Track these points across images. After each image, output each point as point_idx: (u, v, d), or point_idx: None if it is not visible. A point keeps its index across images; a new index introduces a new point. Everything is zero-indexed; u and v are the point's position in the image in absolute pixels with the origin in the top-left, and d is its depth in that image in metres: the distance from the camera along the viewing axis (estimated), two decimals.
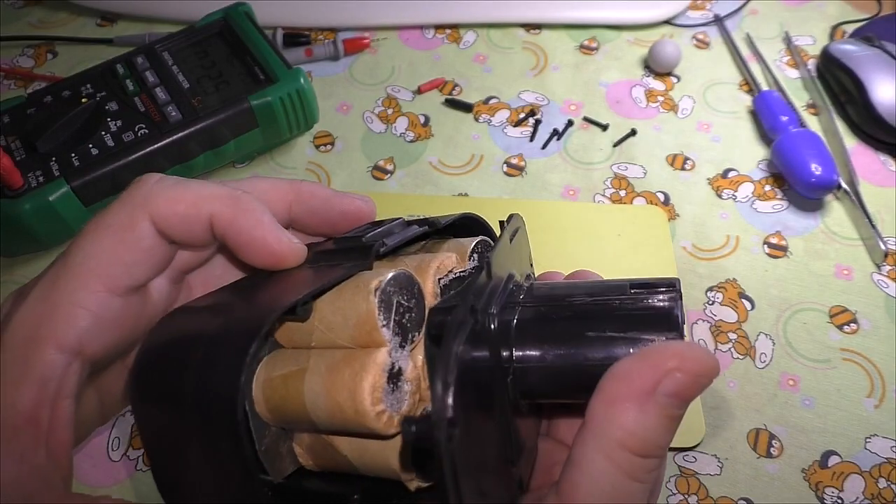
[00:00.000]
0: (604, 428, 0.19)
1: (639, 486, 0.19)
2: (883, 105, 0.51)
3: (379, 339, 0.20)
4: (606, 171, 0.51)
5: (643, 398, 0.19)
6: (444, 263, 0.23)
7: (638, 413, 0.19)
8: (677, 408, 0.19)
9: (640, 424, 0.19)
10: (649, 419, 0.19)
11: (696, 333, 0.43)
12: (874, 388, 0.41)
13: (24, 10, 0.62)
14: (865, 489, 0.38)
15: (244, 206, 0.23)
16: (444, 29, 0.61)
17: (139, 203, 0.23)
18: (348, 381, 0.20)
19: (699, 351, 0.19)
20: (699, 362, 0.19)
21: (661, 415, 0.19)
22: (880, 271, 0.46)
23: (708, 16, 0.62)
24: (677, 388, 0.19)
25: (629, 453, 0.19)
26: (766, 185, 0.50)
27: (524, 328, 0.22)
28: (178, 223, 0.23)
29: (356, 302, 0.21)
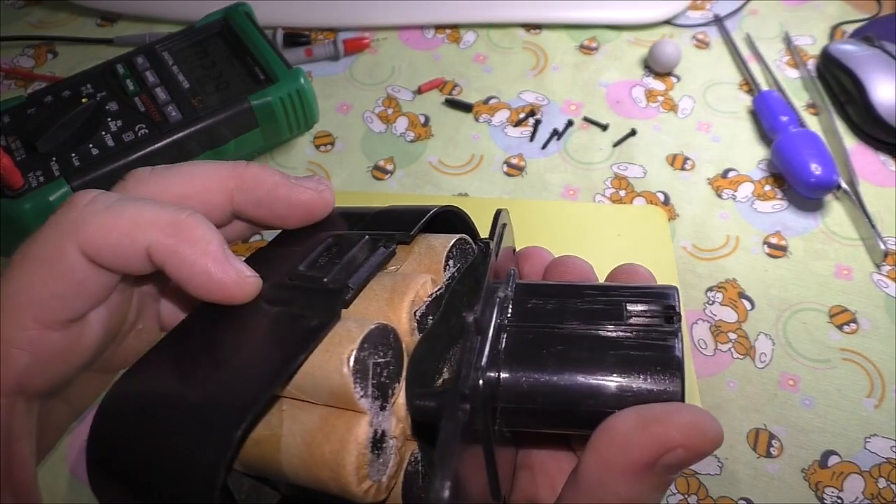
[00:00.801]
0: (597, 492, 0.18)
1: None
2: (883, 105, 0.51)
3: (357, 409, 0.19)
4: (606, 171, 0.51)
5: (641, 471, 0.18)
6: (419, 294, 0.21)
7: (634, 483, 0.18)
8: (672, 475, 0.19)
9: (634, 493, 0.18)
10: (645, 489, 0.18)
11: (696, 333, 0.43)
12: (874, 388, 0.41)
13: (24, 10, 0.62)
14: (865, 489, 0.38)
15: (187, 234, 0.20)
16: (444, 29, 0.61)
17: (67, 231, 0.20)
18: (330, 460, 0.18)
19: (706, 424, 0.18)
20: (704, 438, 0.18)
21: (657, 483, 0.18)
22: (880, 271, 0.46)
23: (708, 16, 0.62)
24: (678, 462, 0.18)
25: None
26: (765, 185, 0.50)
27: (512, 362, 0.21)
28: (111, 254, 0.20)
29: (328, 372, 0.19)
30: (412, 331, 0.21)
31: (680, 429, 0.18)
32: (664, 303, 0.21)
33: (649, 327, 0.21)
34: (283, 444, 0.19)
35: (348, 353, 0.19)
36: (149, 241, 0.20)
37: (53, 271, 0.20)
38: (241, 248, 0.45)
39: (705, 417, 0.18)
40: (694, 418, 0.18)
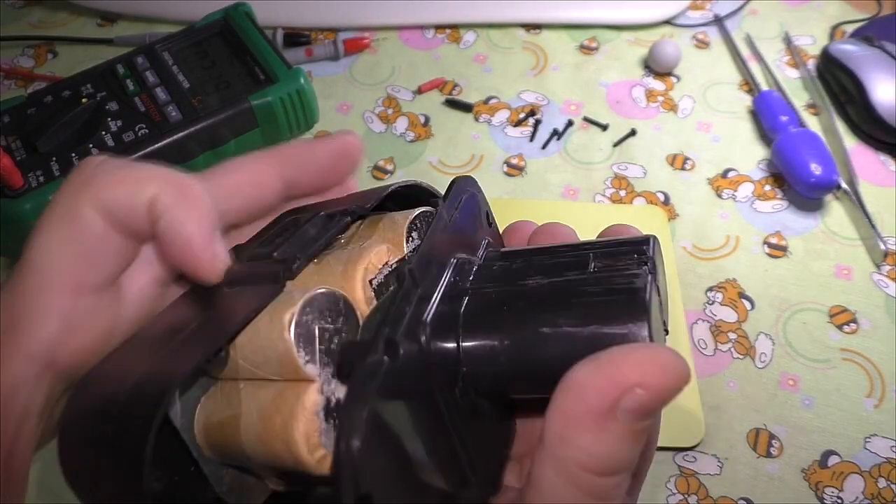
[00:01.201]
0: (561, 449, 0.17)
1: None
2: (883, 105, 0.51)
3: (306, 377, 0.18)
4: (606, 171, 0.51)
5: (602, 418, 0.17)
6: (373, 262, 0.21)
7: (597, 433, 0.17)
8: (642, 421, 0.17)
9: (600, 445, 0.17)
10: (610, 438, 0.17)
11: (696, 333, 0.43)
12: (874, 388, 0.41)
13: (24, 10, 0.62)
14: (865, 489, 0.38)
15: (188, 200, 0.20)
16: (444, 29, 0.61)
17: (79, 188, 0.20)
18: (280, 432, 0.18)
19: (663, 358, 0.17)
20: (664, 374, 0.16)
21: (624, 432, 0.17)
22: (880, 271, 0.46)
23: (708, 16, 0.62)
24: (640, 404, 0.17)
25: (591, 475, 0.17)
26: (765, 185, 0.50)
27: (472, 324, 0.20)
28: (120, 207, 0.20)
29: (272, 339, 0.18)
30: (368, 300, 0.20)
31: (634, 366, 0.16)
32: (636, 248, 0.20)
33: (615, 273, 0.19)
34: (242, 423, 0.19)
35: (289, 317, 0.18)
36: (152, 193, 0.20)
37: (72, 232, 0.20)
38: None
39: (663, 352, 0.17)
40: (649, 354, 0.17)
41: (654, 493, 0.38)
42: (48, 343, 0.19)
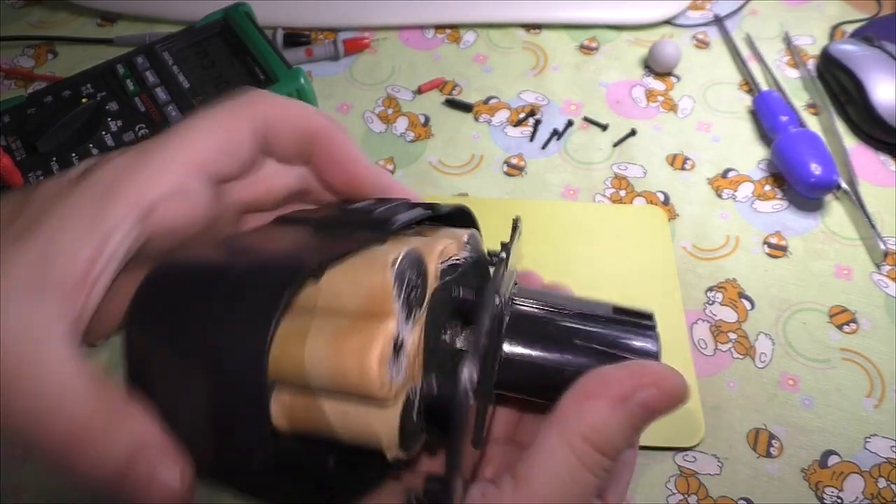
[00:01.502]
0: (572, 420, 0.20)
1: (592, 479, 0.20)
2: (883, 105, 0.51)
3: (389, 311, 0.20)
4: (606, 171, 0.51)
5: (616, 401, 0.20)
6: (448, 249, 0.24)
7: (608, 413, 0.20)
8: (642, 419, 0.21)
9: (606, 424, 0.20)
10: (616, 421, 0.20)
11: (696, 333, 0.43)
12: (874, 388, 0.41)
13: (24, 10, 0.62)
14: (865, 489, 0.38)
15: (342, 129, 0.25)
16: (444, 29, 0.61)
17: (247, 103, 0.23)
18: (356, 347, 0.20)
19: (676, 375, 0.21)
20: (674, 384, 0.21)
21: (628, 421, 0.20)
22: (880, 271, 0.46)
23: (708, 16, 0.62)
24: (649, 400, 0.20)
25: (590, 447, 0.20)
26: (765, 185, 0.50)
27: (517, 323, 0.24)
28: (282, 128, 0.23)
29: (371, 273, 0.21)
30: (436, 277, 0.23)
31: (654, 373, 0.21)
32: (643, 312, 0.25)
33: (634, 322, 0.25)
34: (310, 336, 0.20)
35: (395, 255, 0.21)
36: (318, 124, 0.24)
37: (222, 125, 0.22)
38: None
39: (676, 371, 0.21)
40: (664, 367, 0.21)
41: (654, 493, 0.38)
42: (154, 201, 0.20)
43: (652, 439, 0.39)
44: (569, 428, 0.20)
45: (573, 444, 0.20)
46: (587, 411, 0.20)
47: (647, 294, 0.44)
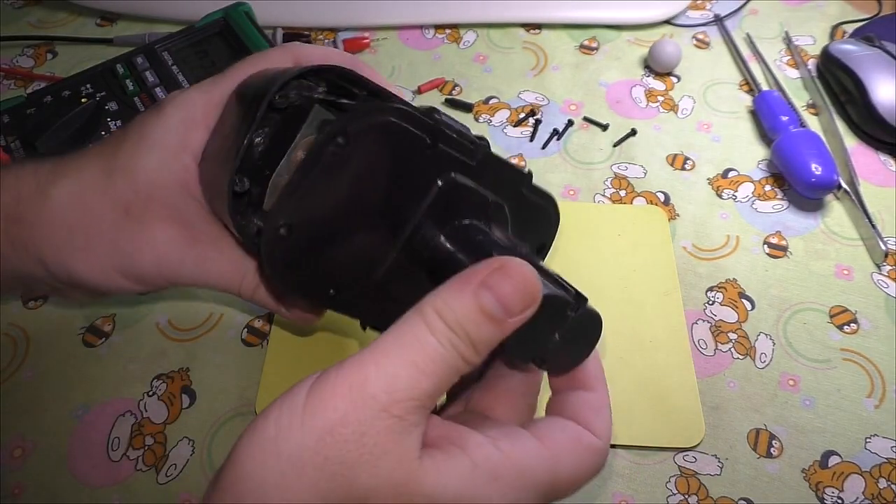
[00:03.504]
0: (429, 299, 0.22)
1: (438, 348, 0.21)
2: (883, 105, 0.51)
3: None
4: (606, 171, 0.51)
5: (467, 284, 0.22)
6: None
7: (457, 293, 0.22)
8: (493, 306, 0.22)
9: (457, 301, 0.22)
10: (466, 301, 0.22)
11: (696, 333, 0.43)
12: (874, 388, 0.41)
13: (24, 10, 0.62)
14: (865, 489, 0.38)
15: (365, 64, 0.31)
16: (444, 29, 0.61)
17: (287, 47, 0.31)
18: None
19: (529, 271, 0.22)
20: (524, 276, 0.22)
21: (475, 303, 0.22)
22: (880, 271, 0.46)
23: (708, 16, 0.62)
24: (496, 286, 0.22)
25: (438, 317, 0.22)
26: (766, 185, 0.50)
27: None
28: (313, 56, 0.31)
29: None
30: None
31: (508, 265, 0.22)
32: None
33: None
34: None
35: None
36: (344, 58, 0.30)
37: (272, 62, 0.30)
38: None
39: (530, 270, 0.23)
40: (523, 266, 0.23)
41: (654, 493, 0.38)
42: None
43: (652, 439, 0.39)
44: (425, 305, 0.22)
45: (423, 311, 0.22)
46: (443, 290, 0.22)
47: (647, 294, 0.44)
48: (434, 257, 0.26)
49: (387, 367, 0.21)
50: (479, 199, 0.27)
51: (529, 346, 0.24)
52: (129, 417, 0.40)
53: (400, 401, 0.21)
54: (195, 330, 0.43)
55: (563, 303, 0.24)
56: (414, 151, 0.25)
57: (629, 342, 0.42)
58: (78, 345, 0.43)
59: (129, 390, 0.41)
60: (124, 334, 0.43)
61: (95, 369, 0.42)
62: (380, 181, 0.25)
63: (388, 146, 0.24)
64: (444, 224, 0.26)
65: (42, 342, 0.43)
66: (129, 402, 0.41)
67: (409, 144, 0.25)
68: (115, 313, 0.44)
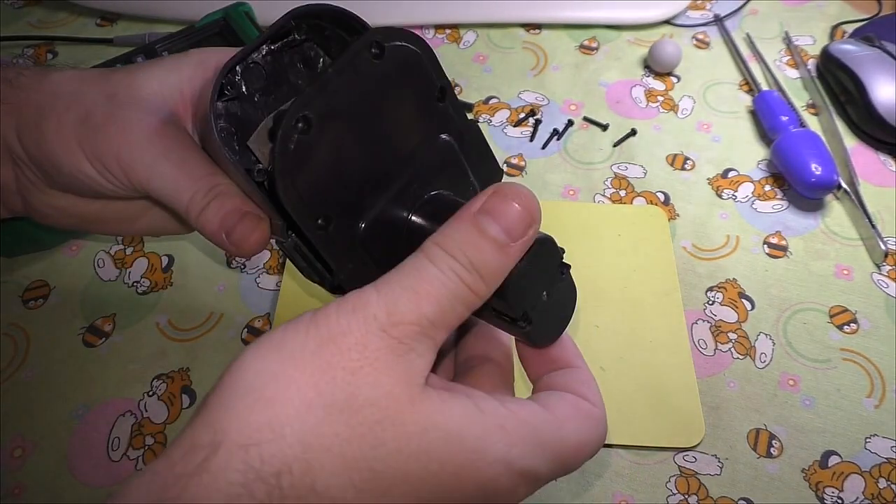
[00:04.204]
0: (431, 236, 0.22)
1: (436, 272, 0.21)
2: (883, 105, 0.51)
3: None
4: (606, 171, 0.51)
5: (465, 212, 0.22)
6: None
7: (456, 222, 0.22)
8: (493, 230, 0.22)
9: (454, 228, 0.22)
10: (464, 226, 0.22)
11: (696, 333, 0.43)
12: (874, 388, 0.41)
13: (24, 10, 0.62)
14: (865, 489, 0.38)
15: None
16: (444, 29, 0.61)
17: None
18: None
19: (524, 190, 0.22)
20: (519, 193, 0.22)
21: (473, 225, 0.22)
22: (880, 271, 0.46)
23: (708, 16, 0.62)
24: (491, 206, 0.22)
25: (437, 246, 0.22)
26: (766, 185, 0.50)
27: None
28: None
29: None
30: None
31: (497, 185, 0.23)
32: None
33: None
34: None
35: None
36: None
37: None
38: None
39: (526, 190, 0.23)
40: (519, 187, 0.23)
41: (654, 493, 0.38)
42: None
43: (652, 439, 0.39)
44: (427, 240, 0.22)
45: (424, 246, 0.22)
46: (444, 226, 0.22)
47: (647, 294, 0.44)
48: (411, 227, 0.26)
49: (387, 293, 0.21)
50: (461, 172, 0.27)
51: (524, 295, 0.24)
52: (129, 417, 0.40)
53: (399, 323, 0.20)
54: (195, 330, 0.43)
55: (555, 249, 0.25)
56: (427, 96, 0.25)
57: (629, 342, 0.42)
58: (78, 345, 0.43)
59: (129, 390, 0.41)
60: (124, 334, 0.43)
61: (95, 369, 0.42)
62: (391, 113, 0.25)
63: (411, 76, 0.24)
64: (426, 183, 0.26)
65: (42, 342, 0.43)
66: (129, 402, 0.41)
67: (426, 85, 0.25)
68: (114, 313, 0.44)
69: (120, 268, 0.46)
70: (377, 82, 0.24)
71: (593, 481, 0.38)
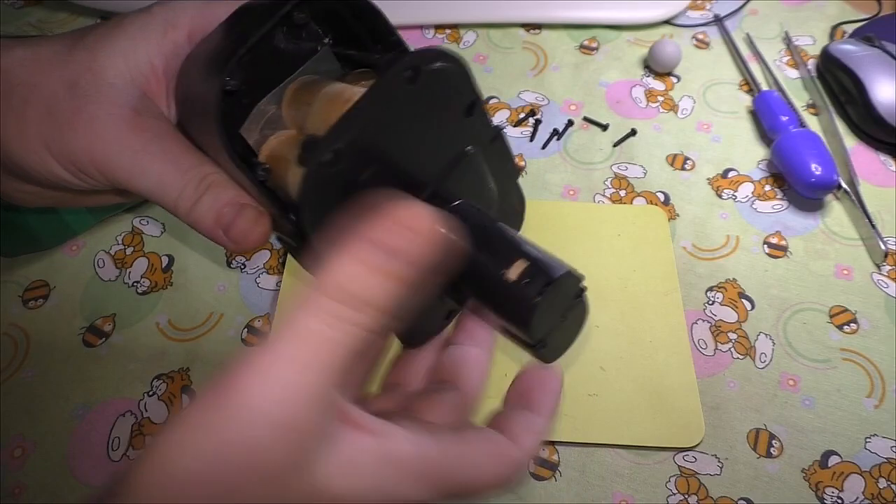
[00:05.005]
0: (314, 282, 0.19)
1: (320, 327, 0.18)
2: (883, 105, 0.51)
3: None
4: (606, 171, 0.51)
5: (343, 248, 0.19)
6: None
7: (337, 258, 0.19)
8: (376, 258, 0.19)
9: (337, 269, 0.19)
10: (345, 263, 0.19)
11: (696, 333, 0.43)
12: (874, 388, 0.41)
13: (24, 10, 0.62)
14: (865, 489, 0.38)
15: None
16: (444, 29, 0.61)
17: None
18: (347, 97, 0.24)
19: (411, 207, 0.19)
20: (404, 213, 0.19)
21: (359, 259, 0.19)
22: (880, 271, 0.46)
23: (708, 16, 0.62)
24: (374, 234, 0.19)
25: (318, 294, 0.19)
26: (766, 185, 0.50)
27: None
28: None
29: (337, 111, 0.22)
30: None
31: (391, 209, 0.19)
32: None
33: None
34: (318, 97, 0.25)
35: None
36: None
37: None
38: None
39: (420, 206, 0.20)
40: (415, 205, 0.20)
41: (654, 493, 0.38)
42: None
43: (652, 439, 0.39)
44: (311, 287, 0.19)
45: (304, 297, 0.19)
46: (325, 265, 0.19)
47: (647, 294, 0.44)
48: None
49: (268, 374, 0.18)
50: (481, 178, 0.27)
51: (544, 325, 0.24)
52: (129, 417, 0.40)
53: (290, 408, 0.18)
54: (195, 330, 0.43)
55: (575, 281, 0.25)
56: (456, 111, 0.25)
57: (629, 342, 0.42)
58: (78, 345, 0.43)
59: (129, 390, 0.41)
60: (124, 334, 0.43)
61: (95, 369, 0.42)
62: (419, 131, 0.24)
63: (443, 96, 0.24)
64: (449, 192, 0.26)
65: (42, 342, 0.43)
66: (129, 402, 0.41)
67: (457, 102, 0.25)
68: (114, 313, 0.44)
69: (120, 268, 0.46)
70: (409, 105, 0.23)
71: (593, 481, 0.38)
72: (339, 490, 0.19)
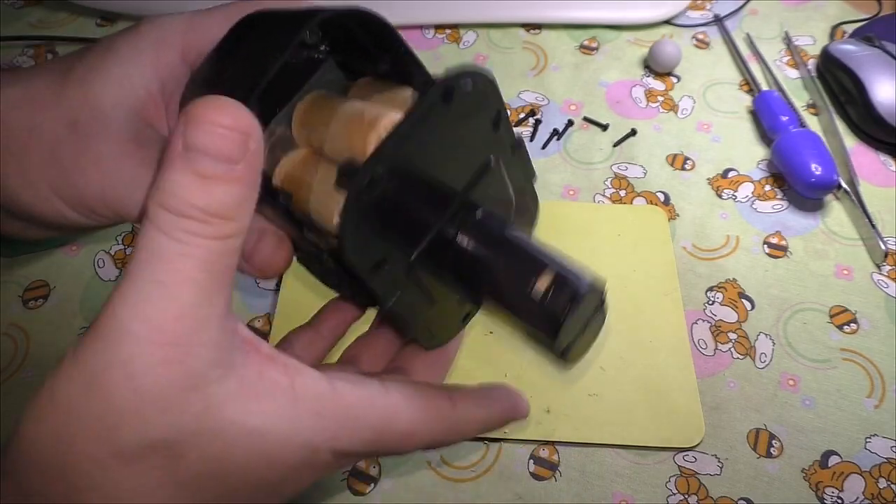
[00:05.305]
0: (152, 198, 0.19)
1: (171, 244, 0.18)
2: (883, 105, 0.51)
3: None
4: (606, 171, 0.51)
5: (172, 163, 0.18)
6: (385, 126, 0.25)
7: (167, 171, 0.19)
8: (205, 165, 0.18)
9: (168, 182, 0.18)
10: (177, 175, 0.18)
11: (696, 333, 0.43)
12: (874, 388, 0.41)
13: (24, 10, 0.62)
14: (865, 489, 0.38)
15: None
16: (444, 29, 0.61)
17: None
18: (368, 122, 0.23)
19: (221, 106, 0.19)
20: (207, 112, 0.18)
21: (190, 169, 0.18)
22: (880, 271, 0.46)
23: (708, 16, 0.62)
24: (192, 141, 0.18)
25: (162, 210, 0.18)
26: (766, 185, 0.50)
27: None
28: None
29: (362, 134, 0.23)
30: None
31: (189, 113, 0.19)
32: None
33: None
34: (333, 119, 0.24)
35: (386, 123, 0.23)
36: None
37: None
38: None
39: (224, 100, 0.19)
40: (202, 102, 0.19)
41: (654, 493, 0.38)
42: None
43: (652, 439, 0.39)
44: (149, 206, 0.19)
45: (151, 214, 0.19)
46: (157, 181, 0.19)
47: (647, 294, 0.44)
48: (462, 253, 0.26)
49: (136, 303, 0.18)
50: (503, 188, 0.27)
51: (568, 335, 0.25)
52: None
53: (162, 330, 0.18)
54: None
55: (598, 293, 0.25)
56: (485, 124, 0.25)
57: (629, 342, 0.42)
58: None
59: None
60: None
61: None
62: (451, 148, 0.24)
63: (475, 111, 0.24)
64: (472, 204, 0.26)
65: (42, 342, 0.43)
66: None
67: (486, 116, 0.25)
68: None
69: (120, 268, 0.46)
70: (444, 125, 0.23)
71: (593, 481, 0.38)
72: (235, 415, 0.19)
